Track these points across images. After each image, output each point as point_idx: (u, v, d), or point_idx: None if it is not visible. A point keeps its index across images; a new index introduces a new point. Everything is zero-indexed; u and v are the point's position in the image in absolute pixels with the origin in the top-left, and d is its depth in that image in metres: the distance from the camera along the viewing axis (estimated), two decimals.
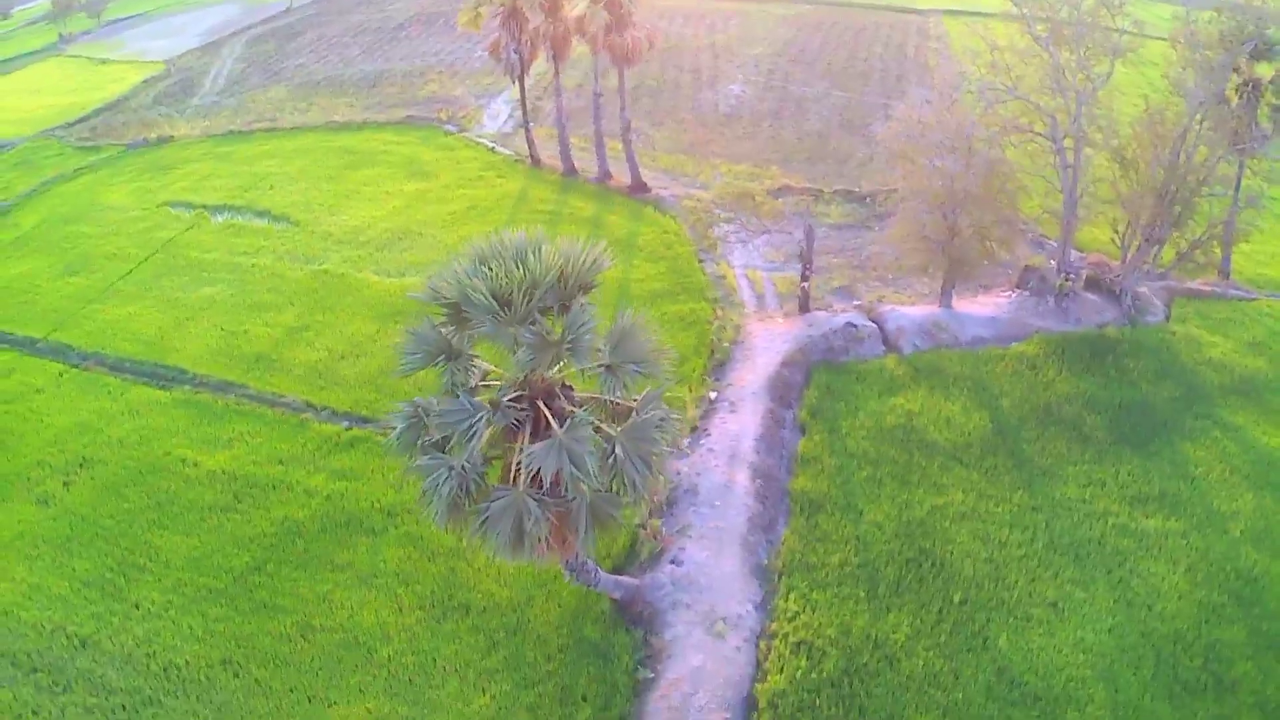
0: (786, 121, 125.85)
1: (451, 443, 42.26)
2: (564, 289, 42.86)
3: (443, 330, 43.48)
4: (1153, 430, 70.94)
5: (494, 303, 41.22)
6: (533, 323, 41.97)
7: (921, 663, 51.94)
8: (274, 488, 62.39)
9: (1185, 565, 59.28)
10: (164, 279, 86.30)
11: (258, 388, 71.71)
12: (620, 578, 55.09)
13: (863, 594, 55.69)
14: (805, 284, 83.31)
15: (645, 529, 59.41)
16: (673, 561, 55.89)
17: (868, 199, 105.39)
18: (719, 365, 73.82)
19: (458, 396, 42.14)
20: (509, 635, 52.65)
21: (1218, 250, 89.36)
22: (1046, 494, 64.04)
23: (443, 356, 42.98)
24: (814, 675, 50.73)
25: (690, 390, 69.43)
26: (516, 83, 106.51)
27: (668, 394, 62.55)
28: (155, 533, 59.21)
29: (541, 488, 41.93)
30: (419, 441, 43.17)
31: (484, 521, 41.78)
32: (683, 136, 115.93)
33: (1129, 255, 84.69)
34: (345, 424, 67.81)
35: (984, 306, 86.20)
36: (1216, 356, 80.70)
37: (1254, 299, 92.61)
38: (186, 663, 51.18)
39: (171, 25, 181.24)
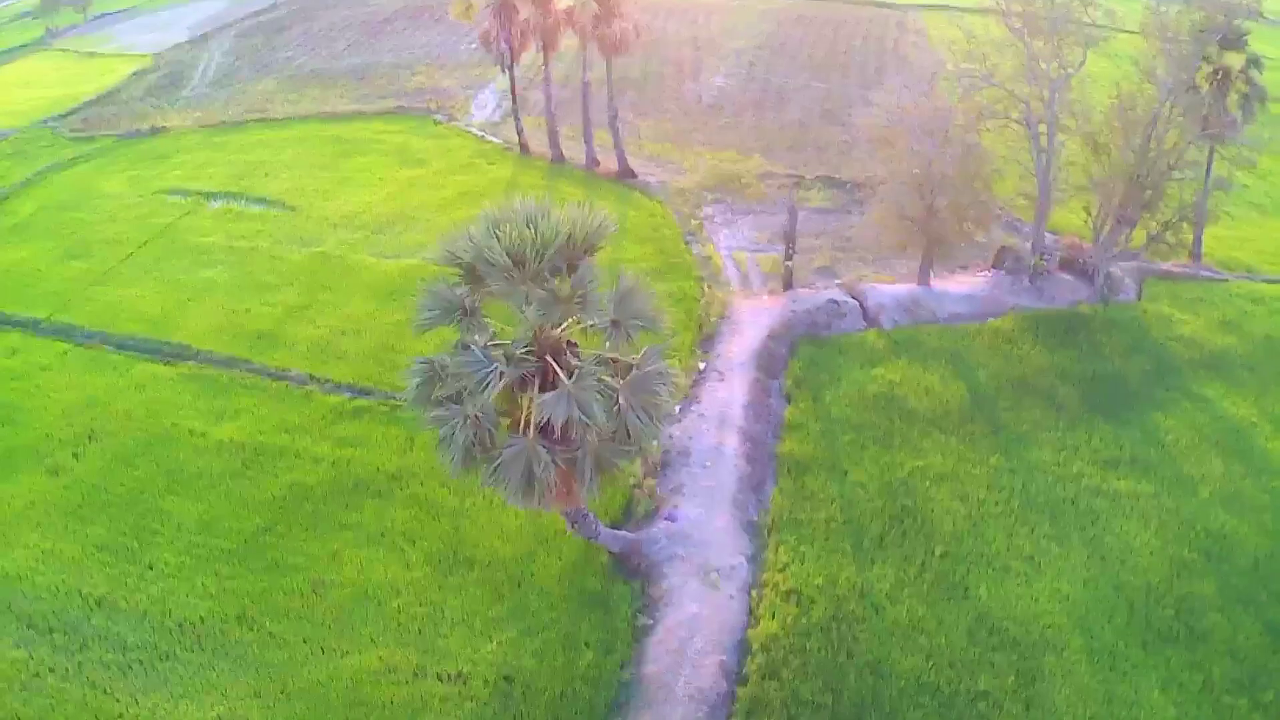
0: (768, 112, 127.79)
1: (466, 394, 44.41)
2: (571, 250, 45.65)
3: (457, 290, 46.00)
4: (1124, 401, 73.44)
5: (508, 261, 44.03)
6: (543, 281, 44.80)
7: (905, 610, 54.27)
8: (281, 455, 64.07)
9: (1156, 524, 61.67)
10: (164, 262, 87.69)
11: (261, 362, 73.34)
12: (618, 532, 57.24)
13: (848, 547, 58.08)
14: (789, 263, 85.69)
15: (641, 488, 61.85)
16: (668, 518, 57.98)
17: (848, 185, 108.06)
18: (707, 339, 76.07)
19: (472, 350, 44.38)
20: (513, 587, 54.65)
21: (1188, 232, 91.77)
22: (1022, 458, 66.41)
23: (458, 313, 45.34)
24: (803, 621, 53.02)
25: (680, 362, 71.01)
26: (506, 72, 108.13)
27: None
28: (166, 499, 60.75)
29: (549, 438, 44.54)
30: (433, 396, 45.36)
31: (496, 469, 44.10)
32: (667, 126, 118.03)
33: (1101, 237, 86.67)
34: (349, 394, 69.62)
35: (961, 285, 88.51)
36: (1187, 333, 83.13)
37: (1225, 280, 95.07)
38: (201, 619, 52.80)
39: (159, 20, 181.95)
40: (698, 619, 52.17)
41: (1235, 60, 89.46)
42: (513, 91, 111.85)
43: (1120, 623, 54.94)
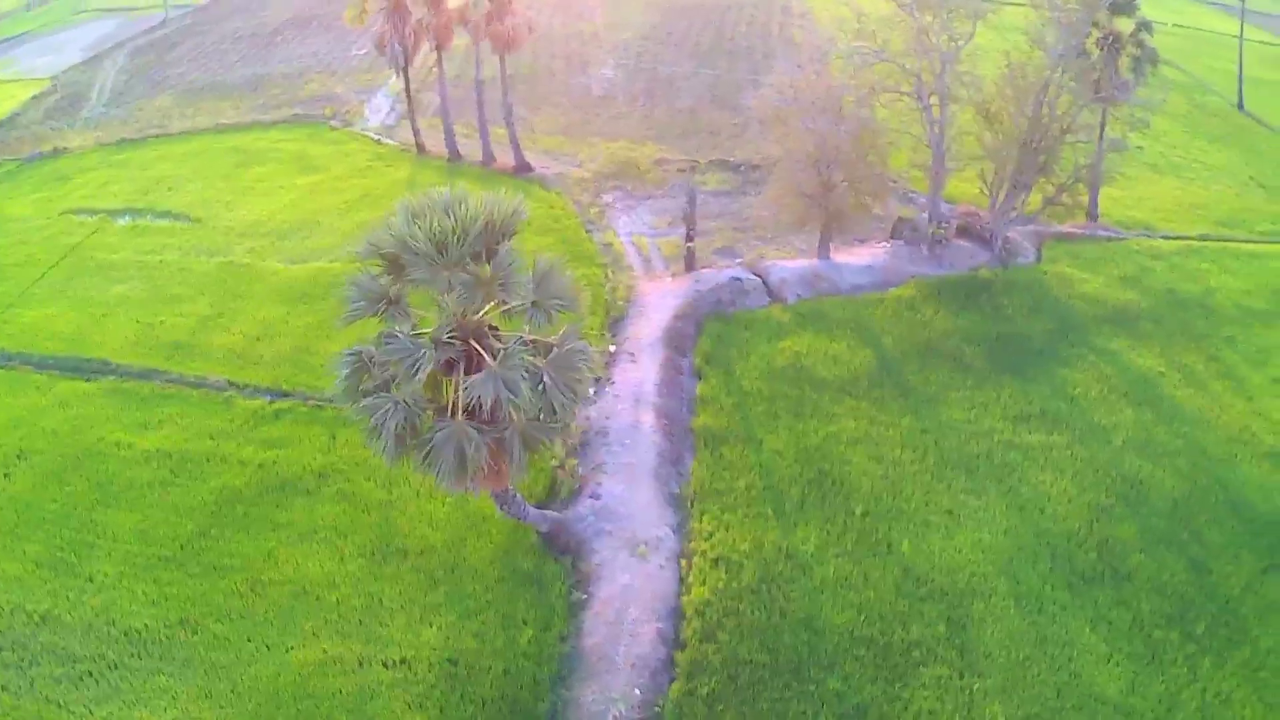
0: (659, 100, 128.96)
1: (394, 381, 45.90)
2: (490, 235, 46.92)
3: (381, 280, 47.39)
4: (1030, 358, 75.53)
5: (431, 248, 45.38)
6: (465, 266, 46.23)
7: (832, 569, 55.77)
8: (208, 460, 64.59)
9: (1071, 473, 63.75)
10: (75, 281, 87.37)
11: (179, 372, 73.70)
12: (545, 512, 58.23)
13: (770, 513, 59.47)
14: (690, 244, 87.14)
15: (563, 469, 63.24)
16: (592, 495, 59.32)
17: (742, 167, 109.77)
18: (615, 322, 77.71)
19: (399, 337, 45.55)
20: (447, 573, 55.57)
21: (1084, 194, 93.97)
22: (933, 417, 68.28)
23: (384, 303, 46.62)
24: (734, 585, 54.36)
25: (591, 345, 72.23)
26: (401, 74, 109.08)
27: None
28: (100, 511, 60.89)
29: (477, 419, 45.98)
30: (361, 387, 46.78)
31: (429, 453, 45.42)
32: (560, 119, 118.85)
33: (997, 203, 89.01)
34: (268, 398, 70.22)
35: (860, 257, 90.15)
36: (1089, 291, 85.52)
37: (1123, 238, 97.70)
38: (145, 626, 53.13)
39: (53, 42, 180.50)
40: (630, 590, 53.22)
41: (1126, 25, 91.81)
42: (407, 93, 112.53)
43: (1044, 567, 56.73)
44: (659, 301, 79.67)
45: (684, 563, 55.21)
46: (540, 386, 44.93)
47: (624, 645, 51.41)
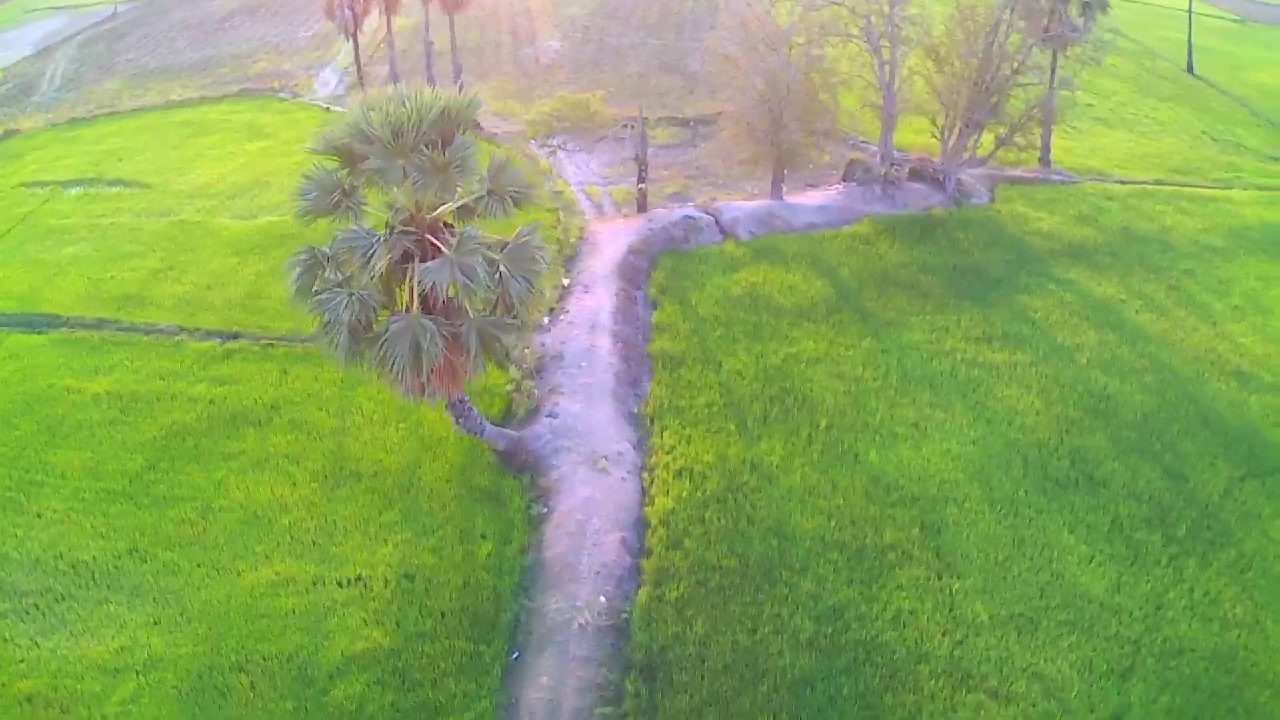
0: (607, 68, 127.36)
1: (348, 276, 45.07)
2: (447, 123, 45.68)
3: (335, 173, 46.10)
4: (988, 286, 74.44)
5: (387, 133, 44.05)
6: (420, 153, 44.72)
7: (799, 477, 54.13)
8: (158, 399, 62.85)
9: (1038, 388, 62.47)
10: (27, 245, 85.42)
11: (130, 321, 71.97)
12: (503, 429, 56.70)
13: (733, 427, 57.84)
14: (642, 185, 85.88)
15: (519, 391, 61.86)
16: (549, 415, 58.01)
17: (691, 122, 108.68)
18: (568, 259, 76.33)
19: (353, 228, 44.78)
20: (402, 493, 53.81)
21: (1036, 133, 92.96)
22: (894, 339, 66.96)
23: (337, 193, 45.30)
24: (699, 495, 52.65)
25: (544, 281, 71.25)
26: (351, 40, 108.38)
27: None
28: (49, 452, 58.97)
29: (432, 313, 44.95)
30: (315, 286, 45.80)
31: (383, 346, 44.42)
32: (508, 87, 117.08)
33: (949, 144, 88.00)
34: (219, 340, 68.53)
35: (814, 198, 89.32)
36: (1044, 228, 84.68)
37: (1076, 182, 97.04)
38: (94, 558, 51.33)
39: (4, 40, 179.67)
40: (592, 502, 51.80)
41: None
42: (356, 59, 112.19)
43: (1016, 474, 55.36)
44: (612, 239, 78.49)
45: (646, 476, 53.66)
46: (497, 275, 44.29)
47: (587, 555, 49.68)
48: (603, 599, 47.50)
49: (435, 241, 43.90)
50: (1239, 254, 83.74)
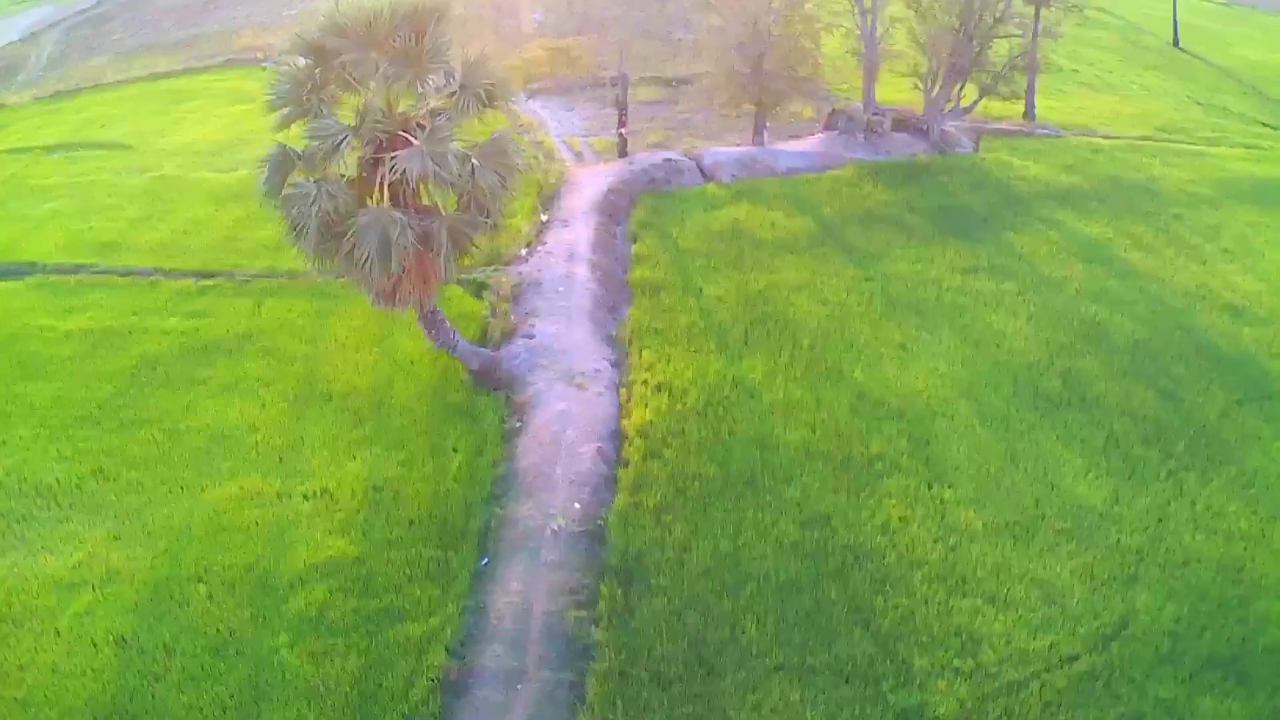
0: (590, 35, 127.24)
1: (320, 172, 44.07)
2: (420, 17, 44.25)
3: (308, 68, 45.08)
4: (974, 224, 72.38)
5: (360, 24, 43.04)
6: (394, 44, 43.51)
7: (781, 393, 51.92)
8: (130, 334, 61.34)
9: (1026, 315, 60.39)
10: (7, 204, 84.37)
11: (107, 264, 70.69)
12: (478, 348, 55.01)
13: (713, 346, 55.77)
14: (623, 129, 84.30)
15: (495, 315, 60.06)
16: (525, 335, 57.26)
17: (673, 82, 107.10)
18: (547, 199, 75.81)
19: (324, 119, 43.62)
20: (374, 410, 52.18)
21: (1021, 83, 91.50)
22: (878, 269, 64.89)
23: (308, 86, 44.28)
24: (678, 408, 50.55)
25: (522, 219, 70.09)
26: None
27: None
28: (18, 385, 57.51)
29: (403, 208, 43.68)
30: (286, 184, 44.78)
31: (351, 238, 43.18)
32: (490, 52, 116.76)
33: (932, 94, 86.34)
34: (195, 279, 67.12)
35: (796, 146, 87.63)
36: (1030, 174, 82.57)
37: (1062, 135, 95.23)
38: (57, 480, 49.70)
39: None
40: (568, 415, 50.51)
41: None
42: None
43: (1006, 392, 53.27)
44: (591, 180, 77.84)
45: (624, 391, 51.53)
46: (469, 167, 43.01)
47: (562, 465, 47.54)
48: (577, 505, 45.34)
49: (407, 135, 43.02)
50: (1227, 203, 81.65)
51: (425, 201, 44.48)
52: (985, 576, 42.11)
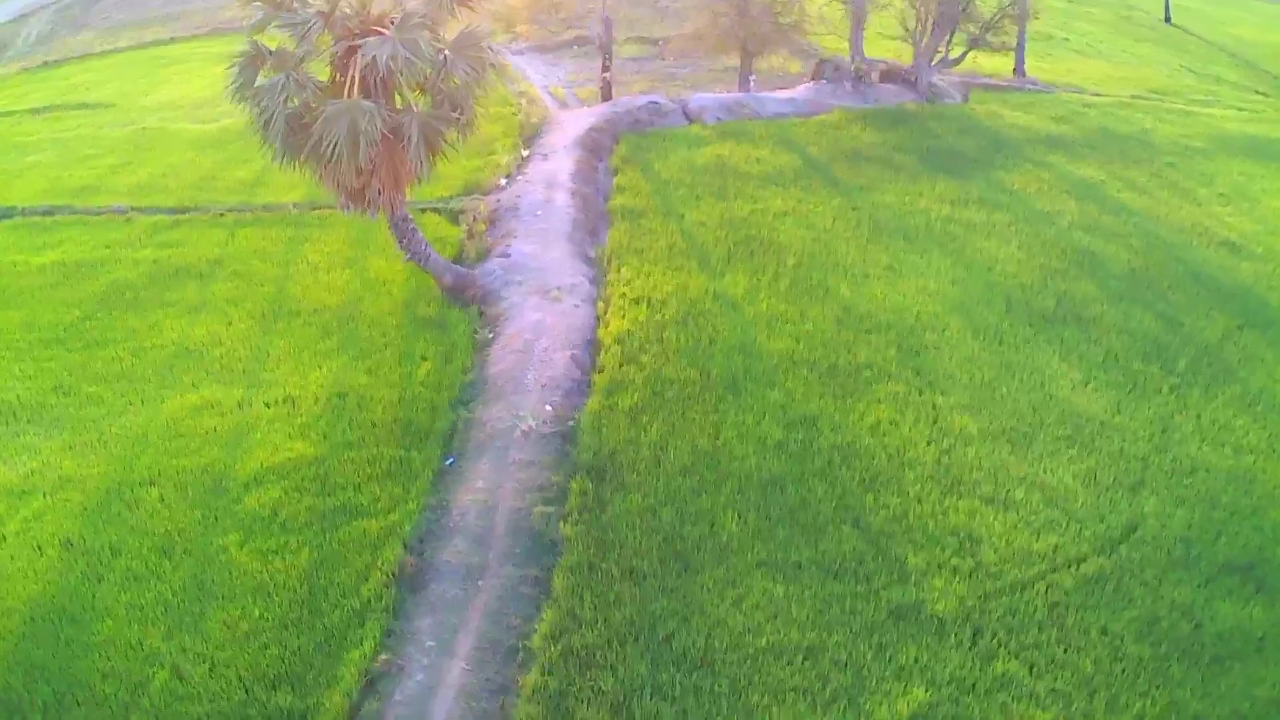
0: (575, 7, 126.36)
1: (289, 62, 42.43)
2: None
3: None
4: (964, 164, 69.95)
5: None
6: None
7: (765, 306, 49.29)
8: (102, 264, 59.92)
9: (1018, 243, 57.82)
10: None
11: (84, 205, 69.38)
12: (451, 264, 53.15)
13: (695, 265, 53.14)
14: (607, 74, 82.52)
15: (471, 237, 58.17)
16: (501, 255, 54.98)
17: (659, 41, 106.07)
18: (529, 138, 73.90)
19: (294, 10, 42.37)
20: (342, 324, 50.34)
21: (1011, 34, 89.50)
22: (865, 200, 62.56)
23: None
24: (657, 318, 48.00)
25: (503, 153, 69.08)
26: None
27: (477, 161, 61.09)
28: None
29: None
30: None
31: (320, 126, 41.41)
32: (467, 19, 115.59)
33: (921, 44, 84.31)
34: (170, 214, 65.80)
35: (782, 94, 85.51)
36: (1020, 123, 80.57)
37: (1052, 91, 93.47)
38: (18, 397, 48.06)
39: None
40: (542, 325, 48.00)
41: None
42: None
43: (999, 310, 50.64)
44: (574, 121, 75.60)
45: (601, 305, 49.83)
46: (442, 58, 41.71)
47: (534, 370, 45.10)
48: (549, 408, 42.81)
49: (379, 30, 41.31)
50: (1221, 155, 79.28)
51: (399, 105, 43.59)
52: (982, 478, 39.34)
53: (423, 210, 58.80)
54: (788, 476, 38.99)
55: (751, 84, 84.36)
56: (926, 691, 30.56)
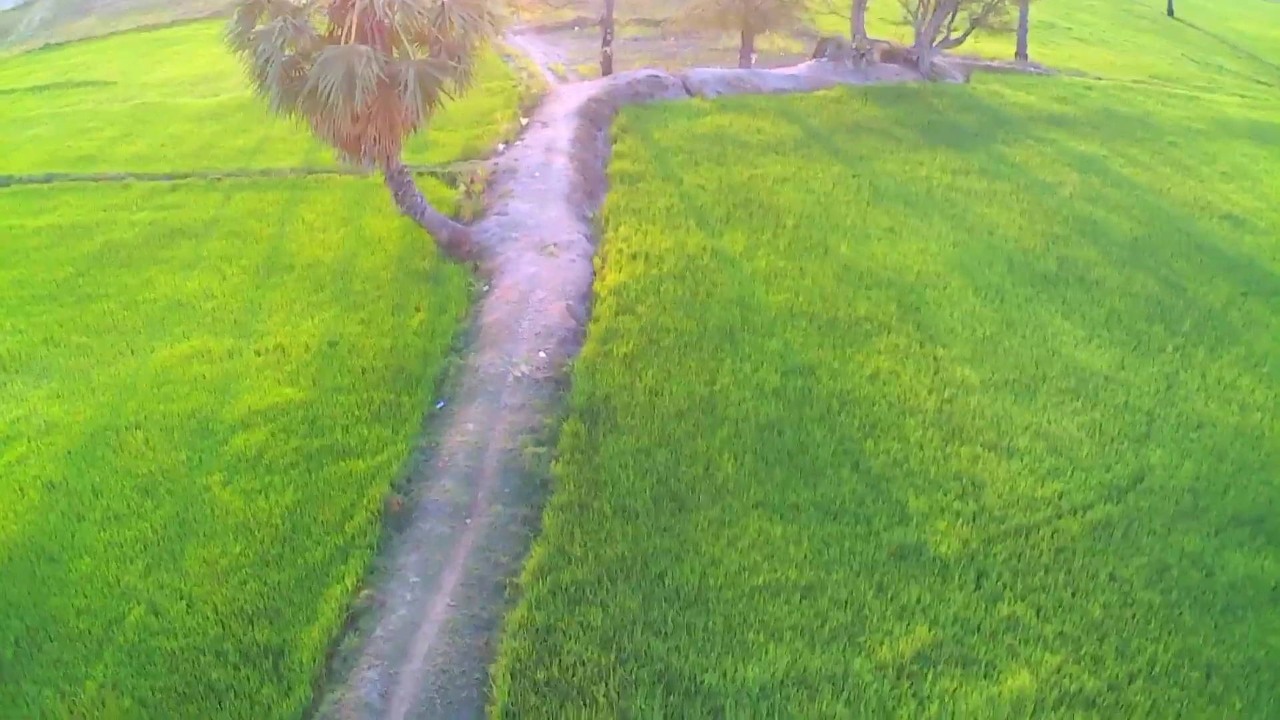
0: None
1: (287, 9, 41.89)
2: None
3: None
4: (965, 138, 69.01)
5: None
6: None
7: (764, 263, 48.25)
8: (98, 226, 59.18)
9: (1020, 210, 56.73)
10: None
11: (82, 172, 68.68)
12: (447, 219, 52.38)
13: (693, 224, 52.02)
14: (607, 48, 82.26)
15: (468, 195, 57.59)
16: (498, 214, 53.98)
17: (660, 22, 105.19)
18: (529, 108, 73.25)
19: None
20: (335, 278, 49.52)
21: (1012, 14, 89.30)
22: (866, 168, 61.57)
23: None
24: (654, 272, 46.98)
25: (503, 121, 68.84)
26: None
27: (475, 130, 59.86)
28: None
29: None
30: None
31: (316, 71, 40.94)
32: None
33: (922, 24, 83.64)
34: (167, 180, 65.11)
35: (784, 70, 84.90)
36: (1022, 102, 79.68)
37: (1054, 75, 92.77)
38: (7, 350, 47.17)
39: None
40: (537, 277, 47.17)
41: None
42: None
43: (1001, 270, 49.39)
44: (574, 92, 74.89)
45: (598, 260, 48.85)
46: (440, 5, 41.33)
47: (528, 320, 44.12)
48: (542, 354, 41.85)
49: None
50: (1223, 137, 78.13)
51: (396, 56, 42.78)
52: (985, 427, 38.13)
53: (421, 174, 57.64)
54: (785, 421, 37.79)
55: (753, 63, 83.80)
56: (930, 631, 29.25)
